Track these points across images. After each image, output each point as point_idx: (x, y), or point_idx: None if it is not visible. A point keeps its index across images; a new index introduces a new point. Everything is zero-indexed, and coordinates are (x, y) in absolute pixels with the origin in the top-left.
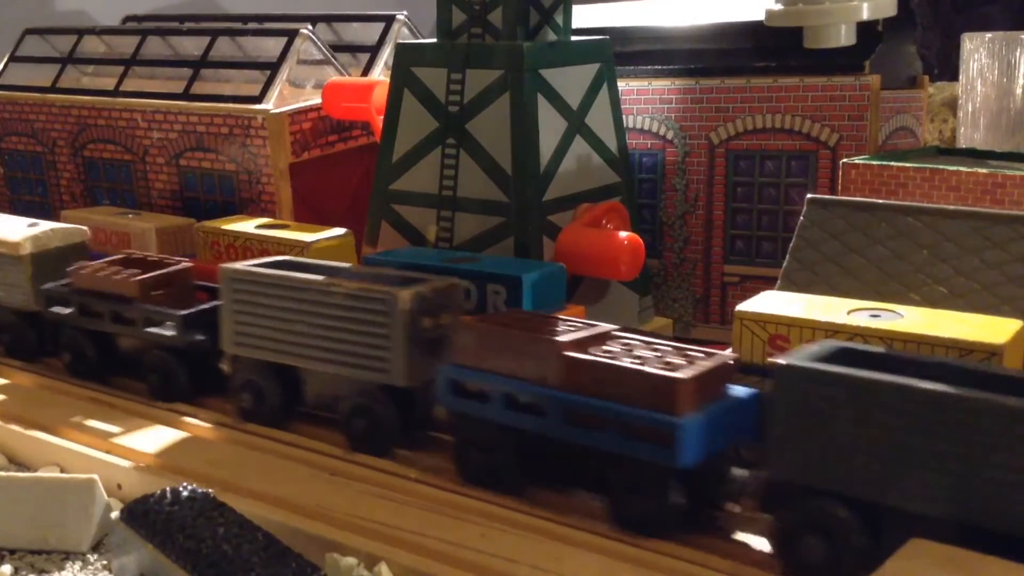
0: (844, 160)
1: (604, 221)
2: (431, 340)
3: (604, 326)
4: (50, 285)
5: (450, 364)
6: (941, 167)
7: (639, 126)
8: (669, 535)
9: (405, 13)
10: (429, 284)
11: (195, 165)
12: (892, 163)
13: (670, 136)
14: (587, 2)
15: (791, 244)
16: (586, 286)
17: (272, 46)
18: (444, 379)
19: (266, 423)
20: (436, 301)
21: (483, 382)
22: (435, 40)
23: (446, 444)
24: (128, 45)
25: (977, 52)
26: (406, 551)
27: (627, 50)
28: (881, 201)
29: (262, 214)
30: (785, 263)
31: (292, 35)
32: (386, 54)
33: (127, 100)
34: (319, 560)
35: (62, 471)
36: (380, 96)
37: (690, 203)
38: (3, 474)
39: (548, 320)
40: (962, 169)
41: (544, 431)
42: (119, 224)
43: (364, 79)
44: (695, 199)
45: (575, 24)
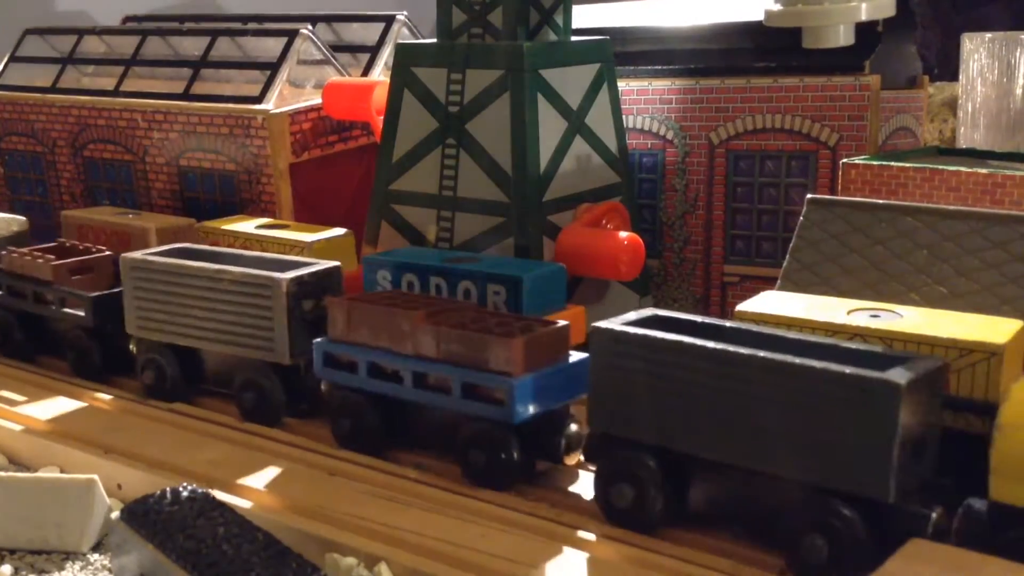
0: (844, 160)
1: (604, 221)
2: (313, 320)
3: (464, 302)
4: None
5: (324, 339)
6: (941, 167)
7: (639, 126)
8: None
9: (405, 13)
10: (309, 269)
11: (195, 165)
12: (892, 163)
13: (670, 136)
14: (587, 2)
15: (791, 244)
16: (586, 286)
17: (272, 46)
18: (318, 352)
19: (167, 399)
20: (316, 284)
21: (350, 353)
22: (435, 40)
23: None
24: (128, 45)
25: (977, 52)
26: (406, 551)
27: (627, 50)
28: (881, 201)
29: (262, 214)
30: (785, 263)
31: (292, 35)
32: (386, 54)
33: (127, 100)
34: (319, 560)
35: (62, 471)
36: (380, 96)
37: (690, 203)
38: (3, 474)
39: (416, 298)
40: (962, 169)
41: (401, 396)
42: (119, 224)
43: (364, 79)
44: (695, 199)
45: (575, 24)
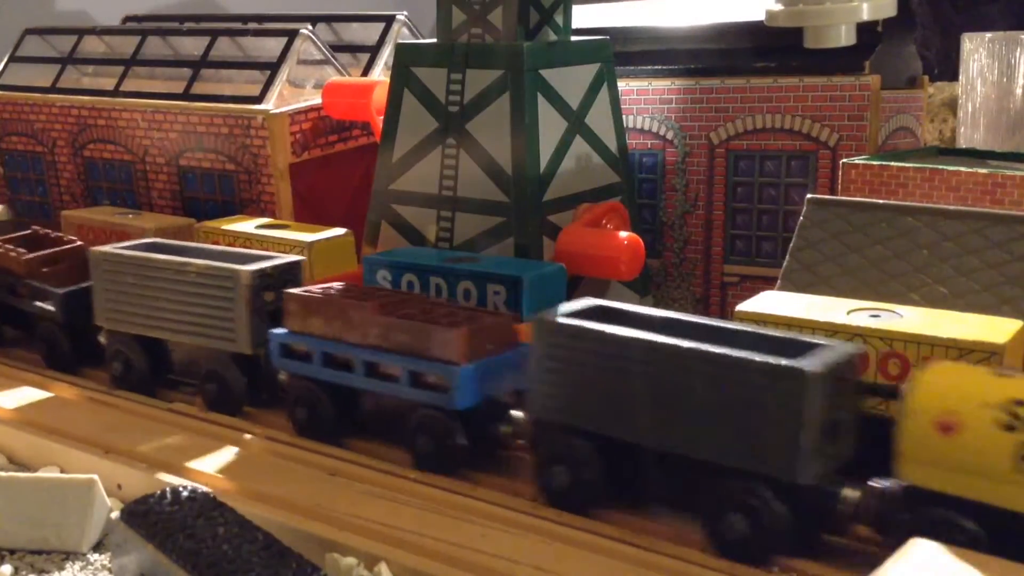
0: (844, 160)
1: (604, 221)
2: (273, 312)
3: (416, 295)
4: None
5: (280, 330)
6: (941, 167)
7: (639, 126)
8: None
9: (405, 13)
10: (270, 262)
11: (195, 165)
12: (892, 163)
13: (670, 136)
14: (587, 2)
15: (791, 244)
16: (586, 286)
17: (272, 46)
18: (275, 343)
19: (134, 389)
20: (278, 277)
21: (305, 344)
22: (435, 40)
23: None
24: (128, 45)
25: (977, 52)
26: (406, 551)
27: (627, 50)
28: (881, 201)
29: (262, 214)
30: (785, 263)
31: (292, 35)
32: (386, 54)
33: (127, 100)
34: (319, 560)
35: (62, 471)
36: (380, 96)
37: (690, 203)
38: (3, 474)
39: (370, 290)
40: (962, 169)
41: (353, 384)
42: (119, 224)
43: (364, 79)
44: (695, 199)
45: (575, 24)
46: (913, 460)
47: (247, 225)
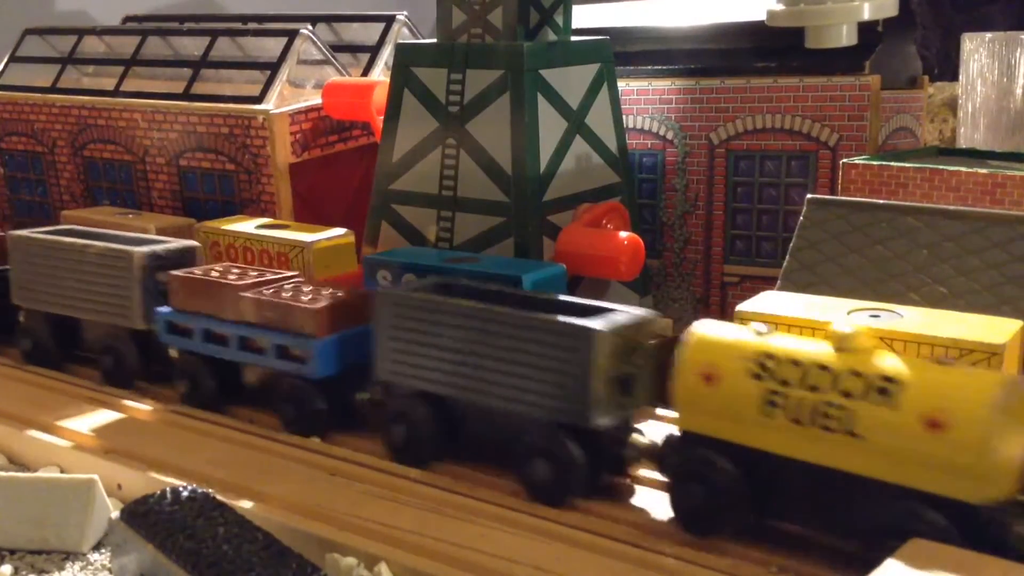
0: (844, 160)
1: (604, 221)
2: (167, 292)
3: (290, 275)
4: None
5: (166, 308)
6: (941, 167)
7: (639, 126)
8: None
9: (405, 13)
10: (164, 245)
11: (195, 165)
12: (892, 163)
13: (670, 136)
14: (587, 2)
15: (791, 244)
16: (586, 286)
17: (272, 46)
18: (160, 320)
19: (42, 364)
20: (172, 259)
21: (187, 321)
22: (435, 40)
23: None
24: (128, 45)
25: (977, 52)
26: (406, 551)
27: (627, 50)
28: (881, 201)
29: (262, 214)
30: (785, 263)
31: (292, 35)
32: (386, 54)
33: (127, 100)
34: (319, 560)
35: (62, 471)
36: (380, 96)
37: (690, 203)
38: (3, 474)
39: (247, 271)
40: (962, 169)
41: (228, 357)
42: (119, 224)
43: (364, 79)
44: (695, 199)
45: (575, 24)
46: (684, 408)
47: (247, 225)
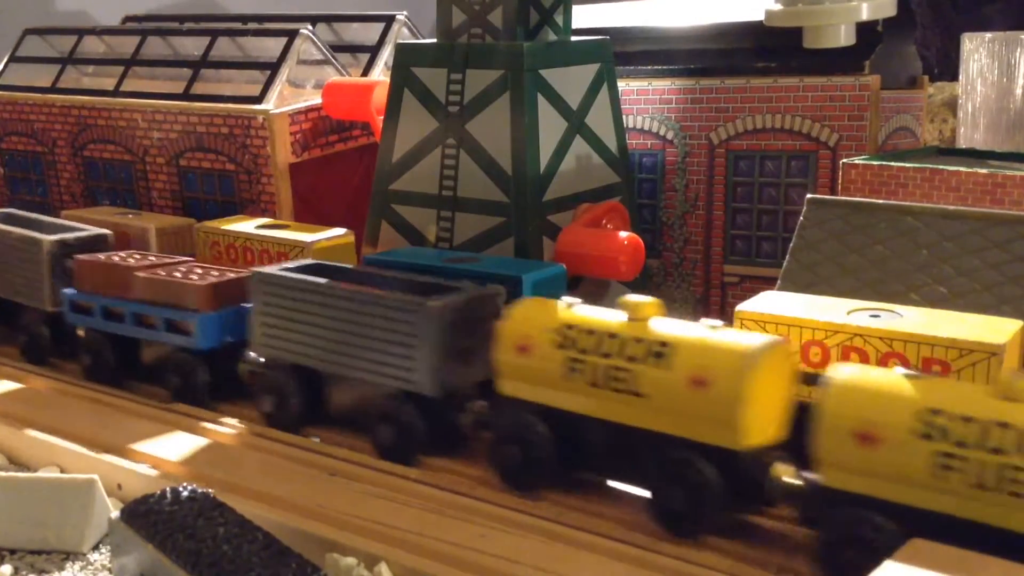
0: (844, 160)
1: (604, 221)
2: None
3: (185, 258)
4: None
5: (70, 290)
6: (941, 167)
7: (639, 126)
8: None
9: (405, 13)
10: (74, 234)
11: (195, 165)
12: (892, 163)
13: (670, 136)
14: (587, 2)
15: (791, 244)
16: (586, 286)
17: (272, 46)
18: (66, 301)
19: None
20: (82, 246)
21: (89, 301)
22: (435, 40)
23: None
24: (128, 45)
25: (977, 52)
26: (406, 551)
27: (627, 50)
28: (881, 201)
29: (262, 214)
30: (785, 263)
31: (292, 35)
32: (386, 54)
33: (127, 100)
34: (319, 560)
35: (62, 471)
36: (380, 96)
37: (690, 203)
38: (3, 474)
39: (147, 256)
40: (962, 169)
41: (124, 333)
42: (119, 224)
43: (364, 79)
44: (695, 199)
45: (575, 24)
46: (503, 376)
47: (247, 225)
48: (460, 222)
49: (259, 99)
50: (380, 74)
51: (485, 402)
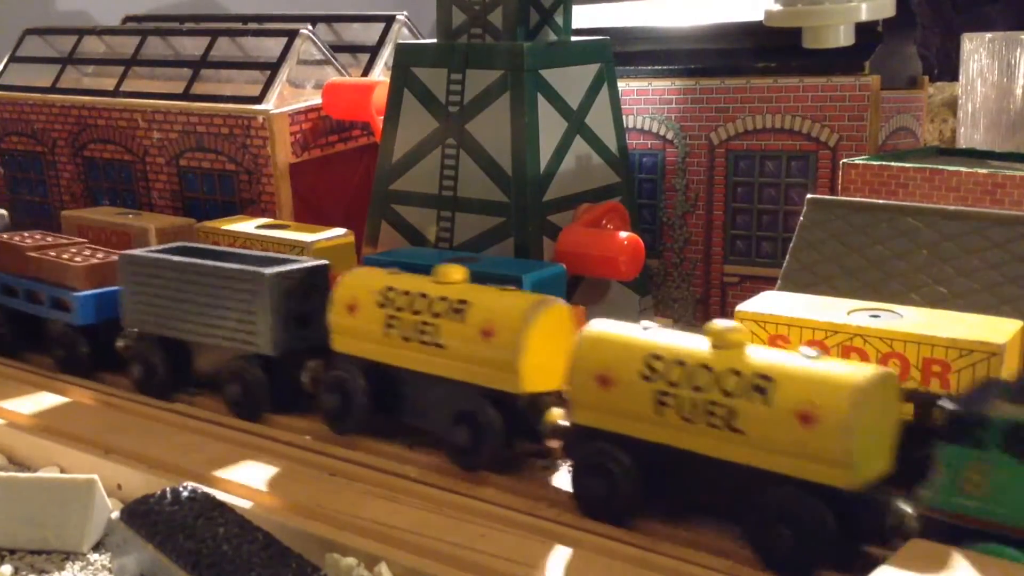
0: (844, 160)
1: (604, 221)
2: None
3: (78, 241)
4: None
5: None
6: (941, 167)
7: (639, 126)
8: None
9: (405, 13)
10: None
11: (195, 165)
12: (892, 163)
13: (670, 136)
14: (587, 2)
15: (791, 244)
16: (586, 286)
17: (272, 46)
18: None
19: None
20: None
21: None
22: (435, 40)
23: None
24: (128, 45)
25: (977, 52)
26: (406, 551)
27: (627, 50)
28: (881, 201)
29: (262, 214)
30: (785, 263)
31: (292, 35)
32: (386, 54)
33: (127, 100)
34: (319, 560)
35: (62, 471)
36: (380, 96)
37: (690, 203)
38: (3, 474)
39: (46, 237)
40: (962, 169)
41: (19, 308)
42: (119, 224)
43: (364, 79)
44: (695, 199)
45: (575, 24)
46: (335, 335)
47: (247, 225)
48: (460, 222)
49: (259, 99)
50: (380, 74)
51: (321, 360)
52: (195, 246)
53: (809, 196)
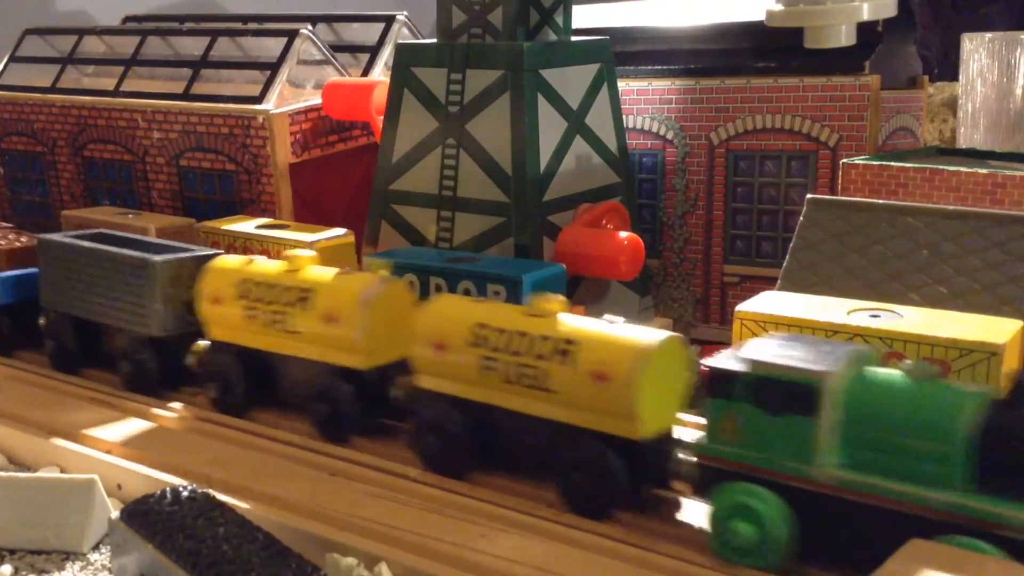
0: (844, 160)
1: (604, 221)
2: None
3: (6, 226)
4: None
5: None
6: (941, 167)
7: (639, 126)
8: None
9: (405, 13)
10: None
11: (195, 165)
12: (892, 163)
13: (670, 136)
14: (587, 2)
15: (791, 244)
16: (586, 286)
17: (272, 46)
18: None
19: None
20: None
21: None
22: (435, 40)
23: None
24: (128, 45)
25: (977, 52)
26: (406, 551)
27: (627, 50)
28: (881, 201)
29: (262, 214)
30: (785, 263)
31: (292, 35)
32: (386, 54)
33: (127, 100)
34: (319, 560)
35: (62, 471)
36: (380, 96)
37: (690, 203)
38: (3, 474)
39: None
40: (962, 169)
41: None
42: (119, 224)
43: (364, 79)
44: (695, 199)
45: (575, 24)
46: (207, 326)
47: (247, 225)
48: (460, 222)
49: (259, 99)
50: (380, 74)
51: (208, 343)
52: (111, 233)
53: (809, 196)
